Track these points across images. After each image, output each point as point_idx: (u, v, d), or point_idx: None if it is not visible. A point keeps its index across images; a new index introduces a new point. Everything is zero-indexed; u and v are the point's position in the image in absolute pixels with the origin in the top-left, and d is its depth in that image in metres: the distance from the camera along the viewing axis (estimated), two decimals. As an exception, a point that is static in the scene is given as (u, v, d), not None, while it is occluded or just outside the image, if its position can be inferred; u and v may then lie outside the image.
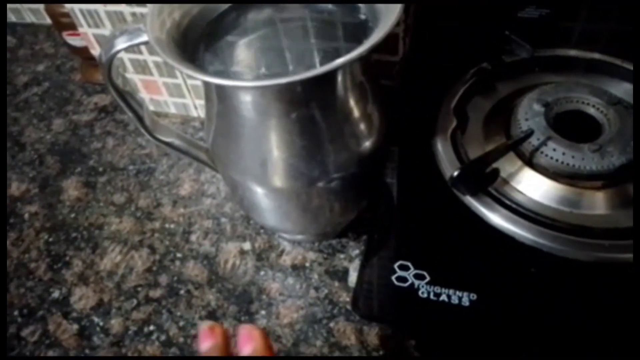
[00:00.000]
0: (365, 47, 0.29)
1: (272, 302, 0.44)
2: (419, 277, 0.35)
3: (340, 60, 0.28)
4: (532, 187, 0.38)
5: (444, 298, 0.34)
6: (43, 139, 0.63)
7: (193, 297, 0.45)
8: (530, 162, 0.38)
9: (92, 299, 0.46)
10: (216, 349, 0.27)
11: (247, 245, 0.48)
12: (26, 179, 0.58)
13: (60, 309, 0.46)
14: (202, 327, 0.28)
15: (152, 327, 0.44)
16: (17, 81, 0.73)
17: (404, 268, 0.35)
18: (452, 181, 0.37)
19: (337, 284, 0.44)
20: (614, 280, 0.33)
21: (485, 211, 0.36)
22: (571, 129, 0.38)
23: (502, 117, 0.42)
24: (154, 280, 0.47)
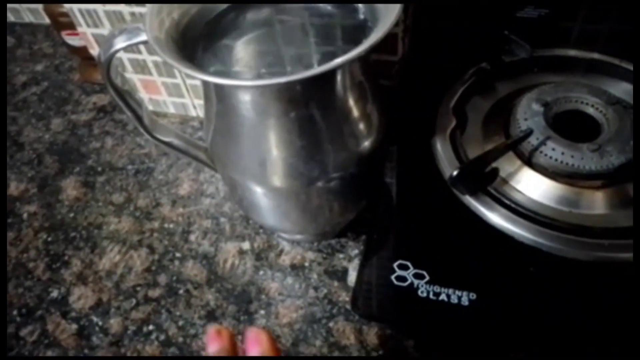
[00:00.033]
0: (364, 47, 0.29)
1: (272, 301, 0.44)
2: (418, 276, 0.35)
3: (340, 60, 0.28)
4: (532, 186, 0.38)
5: (443, 297, 0.34)
6: (42, 138, 0.63)
7: (192, 296, 0.45)
8: (529, 161, 0.38)
9: (91, 298, 0.46)
10: (223, 351, 0.28)
11: (246, 245, 0.48)
12: (25, 178, 0.58)
13: (59, 309, 0.46)
14: (209, 331, 0.29)
15: (151, 327, 0.44)
16: (15, 81, 0.72)
17: (403, 267, 0.35)
18: (451, 181, 0.37)
19: (336, 283, 0.44)
20: (613, 280, 0.33)
21: (484, 211, 0.36)
22: (570, 129, 0.38)
23: (502, 117, 0.42)
24: (153, 280, 0.47)
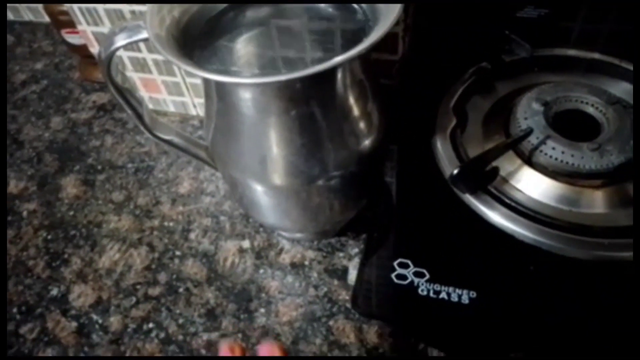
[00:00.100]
0: (365, 45, 0.29)
1: (272, 300, 0.44)
2: (418, 274, 0.35)
3: (341, 58, 0.28)
4: (532, 185, 0.38)
5: (443, 296, 0.34)
6: (41, 136, 0.63)
7: (192, 295, 0.45)
8: (529, 160, 0.38)
9: (90, 296, 0.46)
10: None
11: (246, 244, 0.48)
12: (24, 176, 0.58)
13: (58, 307, 0.46)
14: (222, 346, 0.30)
15: (151, 325, 0.44)
16: (15, 79, 0.72)
17: (403, 266, 0.35)
18: (451, 179, 0.37)
19: (336, 282, 0.44)
20: (613, 279, 0.33)
21: (484, 209, 0.36)
22: (570, 128, 0.38)
23: (502, 116, 0.42)
24: (153, 278, 0.47)
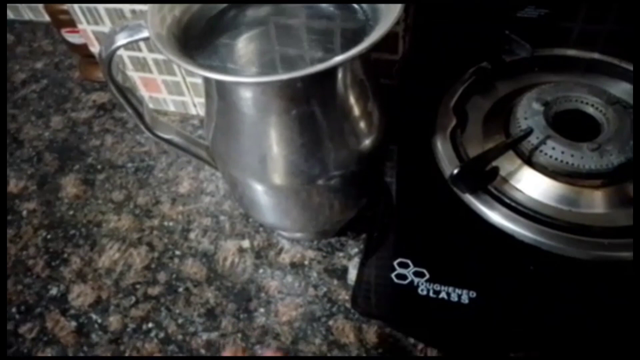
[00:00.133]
0: (365, 45, 0.29)
1: (271, 300, 0.44)
2: (418, 274, 0.35)
3: (341, 57, 0.28)
4: (532, 185, 0.38)
5: (443, 295, 0.34)
6: (41, 136, 0.63)
7: (192, 294, 0.45)
8: (529, 160, 0.38)
9: (90, 296, 0.46)
10: None
11: (246, 243, 0.48)
12: (24, 176, 0.58)
13: (58, 306, 0.46)
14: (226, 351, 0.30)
15: (150, 325, 0.44)
16: (15, 78, 0.72)
17: (403, 265, 0.35)
18: (451, 179, 0.37)
19: (336, 282, 0.44)
20: (612, 279, 0.33)
21: (484, 209, 0.36)
22: (570, 128, 0.38)
23: (502, 116, 0.42)
24: (152, 278, 0.47)
